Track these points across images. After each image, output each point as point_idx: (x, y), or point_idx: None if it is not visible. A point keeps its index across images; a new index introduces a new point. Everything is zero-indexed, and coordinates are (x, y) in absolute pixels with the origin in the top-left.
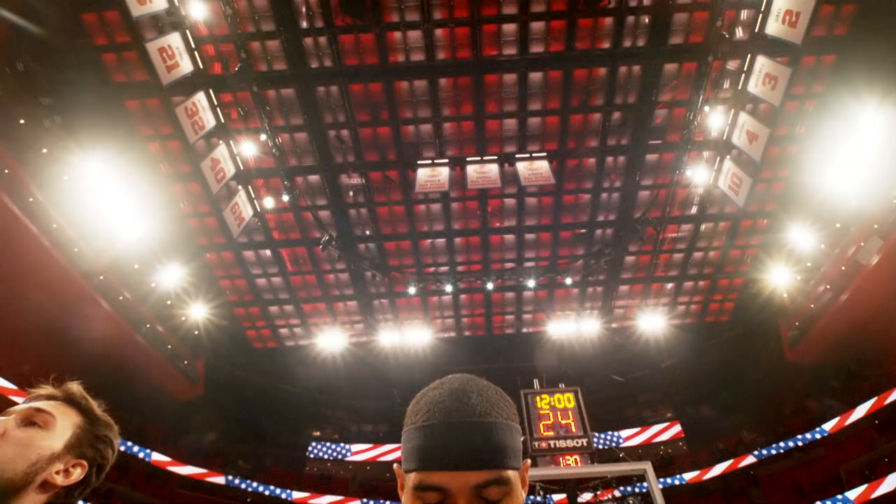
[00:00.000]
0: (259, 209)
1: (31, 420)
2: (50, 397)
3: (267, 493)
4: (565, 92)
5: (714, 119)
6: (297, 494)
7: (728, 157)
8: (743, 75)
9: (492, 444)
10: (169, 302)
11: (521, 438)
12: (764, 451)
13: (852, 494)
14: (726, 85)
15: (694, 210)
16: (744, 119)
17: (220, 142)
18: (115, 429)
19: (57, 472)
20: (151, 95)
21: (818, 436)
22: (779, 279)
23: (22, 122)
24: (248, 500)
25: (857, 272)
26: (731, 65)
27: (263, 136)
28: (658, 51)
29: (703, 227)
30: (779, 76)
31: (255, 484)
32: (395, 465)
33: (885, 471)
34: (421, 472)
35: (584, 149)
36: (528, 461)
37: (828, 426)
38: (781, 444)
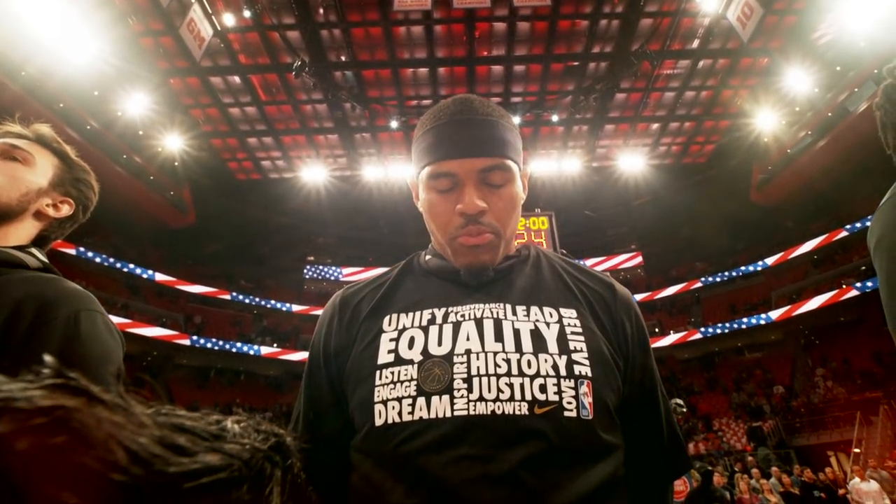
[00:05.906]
0: (219, 27)
1: (10, 155)
2: (20, 136)
3: (269, 306)
4: None
5: None
6: (296, 307)
7: None
8: None
9: (495, 136)
10: (141, 132)
11: (521, 145)
12: (710, 279)
13: (775, 314)
14: None
15: (696, 44)
16: None
17: None
18: (92, 174)
19: (48, 205)
20: None
21: (760, 267)
22: (764, 123)
23: None
24: (255, 311)
25: (842, 119)
26: None
27: None
28: None
29: (700, 63)
30: None
31: (257, 299)
32: (408, 180)
33: (810, 295)
34: (433, 164)
35: None
36: (529, 171)
37: (770, 260)
38: (727, 273)
